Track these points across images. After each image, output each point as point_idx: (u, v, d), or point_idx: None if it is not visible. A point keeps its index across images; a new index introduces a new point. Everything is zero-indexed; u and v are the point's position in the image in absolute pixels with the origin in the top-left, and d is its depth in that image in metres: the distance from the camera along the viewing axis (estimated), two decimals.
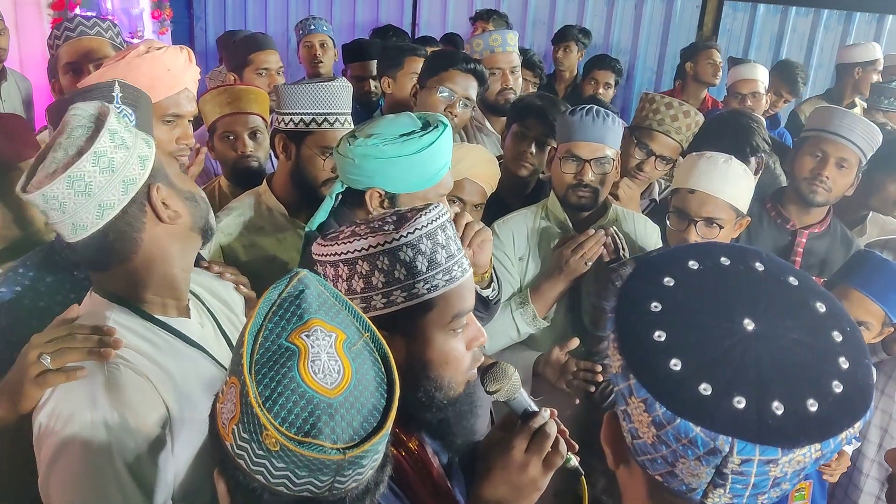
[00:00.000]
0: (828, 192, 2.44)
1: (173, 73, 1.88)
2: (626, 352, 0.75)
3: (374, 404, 0.89)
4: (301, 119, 2.12)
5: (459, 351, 1.20)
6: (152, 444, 1.22)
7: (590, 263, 2.21)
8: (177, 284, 1.37)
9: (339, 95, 2.15)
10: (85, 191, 1.20)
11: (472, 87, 2.64)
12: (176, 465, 1.28)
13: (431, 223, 1.15)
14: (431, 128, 1.71)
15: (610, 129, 2.23)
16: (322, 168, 2.13)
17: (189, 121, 1.96)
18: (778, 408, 0.69)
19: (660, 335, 0.73)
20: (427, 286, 1.13)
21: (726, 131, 2.56)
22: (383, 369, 0.94)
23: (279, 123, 2.18)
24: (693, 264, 0.78)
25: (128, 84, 1.65)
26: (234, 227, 2.14)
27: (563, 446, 1.28)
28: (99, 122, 1.23)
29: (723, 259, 0.79)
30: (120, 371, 1.23)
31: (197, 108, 2.03)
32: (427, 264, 1.13)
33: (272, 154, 2.99)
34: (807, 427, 0.69)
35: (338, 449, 0.85)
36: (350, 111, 2.21)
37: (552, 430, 1.27)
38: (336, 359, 0.89)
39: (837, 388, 0.71)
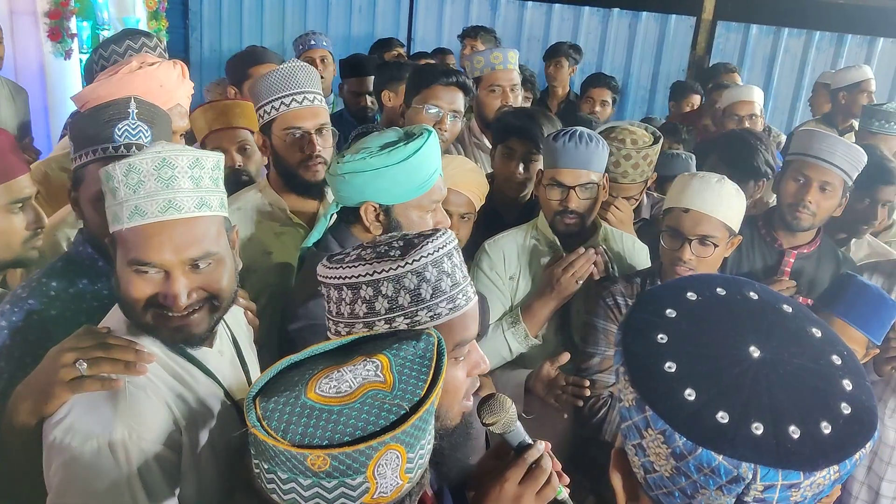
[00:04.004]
0: (812, 216, 2.44)
1: (166, 88, 1.87)
2: (638, 384, 0.76)
3: (358, 432, 0.88)
4: (265, 109, 2.10)
5: (459, 379, 1.20)
6: (165, 470, 1.21)
7: (580, 282, 2.21)
8: None
9: (294, 75, 2.09)
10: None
11: (457, 100, 2.62)
12: (184, 490, 1.27)
13: (438, 251, 1.14)
14: (416, 136, 1.72)
15: (594, 154, 2.20)
16: (290, 149, 2.09)
17: (181, 136, 1.96)
18: (795, 432, 0.70)
19: (670, 366, 0.75)
20: (430, 314, 1.13)
21: (730, 150, 2.58)
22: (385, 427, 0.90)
23: (259, 123, 2.17)
24: (691, 295, 0.80)
25: (144, 101, 1.58)
26: (234, 219, 2.13)
27: (556, 480, 1.27)
28: None
29: (718, 289, 0.81)
30: (141, 394, 1.22)
31: (189, 124, 2.01)
32: (431, 292, 1.13)
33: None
34: (824, 449, 0.71)
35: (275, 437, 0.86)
36: (317, 89, 2.13)
37: (547, 464, 1.27)
38: (352, 385, 0.90)
39: (846, 409, 0.72)
